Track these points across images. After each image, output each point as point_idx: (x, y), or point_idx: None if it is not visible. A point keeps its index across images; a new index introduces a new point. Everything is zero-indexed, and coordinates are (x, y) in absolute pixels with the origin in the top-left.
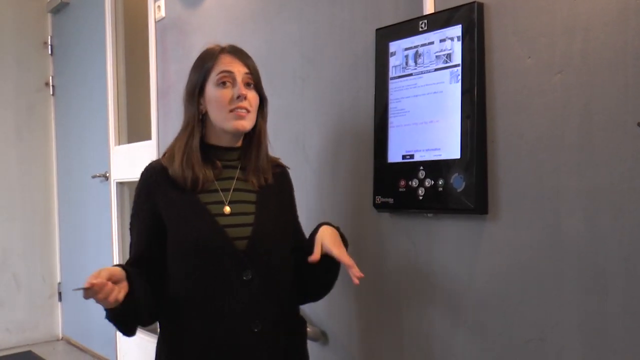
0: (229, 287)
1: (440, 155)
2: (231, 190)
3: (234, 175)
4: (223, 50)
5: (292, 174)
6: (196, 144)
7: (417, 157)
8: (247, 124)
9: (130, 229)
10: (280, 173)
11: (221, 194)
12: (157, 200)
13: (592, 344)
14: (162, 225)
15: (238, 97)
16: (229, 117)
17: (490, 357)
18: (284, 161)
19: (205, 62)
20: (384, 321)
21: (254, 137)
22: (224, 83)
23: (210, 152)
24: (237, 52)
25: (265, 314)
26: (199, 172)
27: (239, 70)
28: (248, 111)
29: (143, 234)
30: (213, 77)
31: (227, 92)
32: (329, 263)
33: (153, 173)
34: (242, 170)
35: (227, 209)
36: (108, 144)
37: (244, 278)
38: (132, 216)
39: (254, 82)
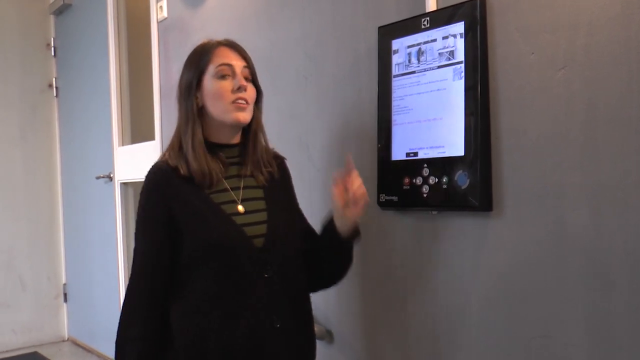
0: (251, 286)
1: (444, 152)
2: (241, 189)
3: (240, 173)
4: (219, 43)
5: (296, 173)
6: (200, 138)
7: (421, 155)
8: (247, 115)
9: (137, 235)
10: (279, 164)
11: (232, 192)
12: (170, 203)
13: (598, 341)
14: (177, 228)
15: (239, 88)
16: (230, 109)
17: (496, 354)
18: (288, 160)
19: (201, 56)
20: (388, 319)
21: (251, 131)
22: (223, 76)
23: (212, 150)
24: (233, 46)
25: (284, 309)
26: (211, 168)
27: (238, 64)
28: (247, 103)
29: (157, 241)
30: (212, 70)
31: (228, 84)
32: (341, 243)
33: (162, 175)
34: (245, 167)
35: (241, 208)
36: (112, 144)
37: (266, 275)
38: (141, 222)
39: (251, 75)
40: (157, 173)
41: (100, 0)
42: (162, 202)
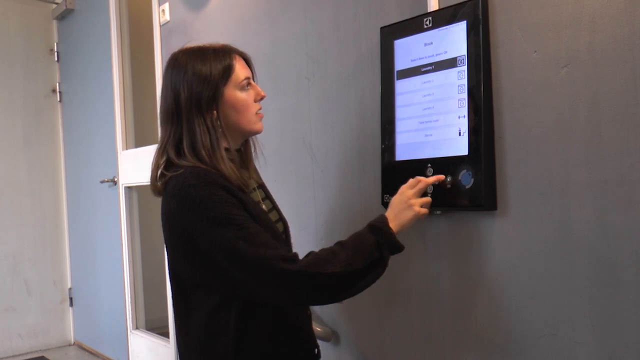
0: None
1: (447, 152)
2: (257, 189)
3: (248, 175)
4: (236, 52)
5: (300, 174)
6: (223, 150)
7: (425, 155)
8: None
9: (231, 222)
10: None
11: (257, 192)
12: (236, 195)
13: (605, 338)
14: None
15: (261, 98)
16: (255, 120)
17: (502, 353)
18: (292, 161)
19: (220, 65)
20: (394, 320)
21: (251, 138)
22: (244, 87)
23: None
24: (245, 56)
25: None
26: (241, 174)
27: (251, 75)
28: None
29: (252, 221)
30: (236, 81)
31: (251, 95)
32: None
33: (215, 175)
34: (248, 170)
35: (265, 207)
36: (115, 148)
37: None
38: (224, 214)
39: None
40: (209, 173)
41: (103, 5)
42: (233, 195)
